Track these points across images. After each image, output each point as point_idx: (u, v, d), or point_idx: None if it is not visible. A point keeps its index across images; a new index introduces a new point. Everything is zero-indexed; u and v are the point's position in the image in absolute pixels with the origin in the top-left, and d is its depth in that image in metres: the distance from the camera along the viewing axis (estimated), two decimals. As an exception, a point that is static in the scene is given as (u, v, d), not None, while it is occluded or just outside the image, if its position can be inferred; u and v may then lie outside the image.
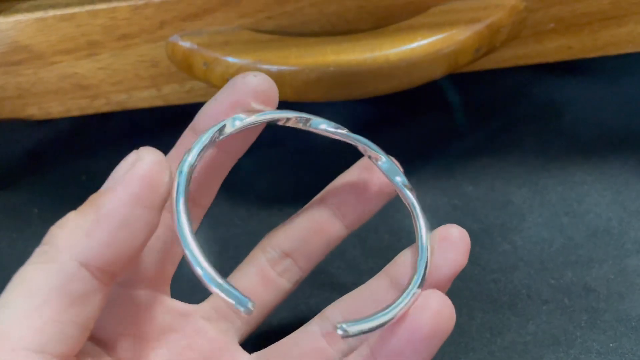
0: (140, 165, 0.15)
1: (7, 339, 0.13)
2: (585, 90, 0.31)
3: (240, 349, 0.20)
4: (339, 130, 0.20)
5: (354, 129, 0.21)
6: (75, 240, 0.14)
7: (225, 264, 0.20)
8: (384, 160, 0.20)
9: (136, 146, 0.34)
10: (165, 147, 0.31)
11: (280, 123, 0.19)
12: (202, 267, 0.15)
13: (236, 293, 0.15)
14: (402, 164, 0.29)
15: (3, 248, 0.27)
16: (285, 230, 0.20)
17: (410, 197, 0.19)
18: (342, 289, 0.24)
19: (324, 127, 0.20)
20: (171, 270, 0.19)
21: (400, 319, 0.16)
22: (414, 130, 0.30)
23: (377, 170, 0.20)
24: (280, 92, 0.25)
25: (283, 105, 0.20)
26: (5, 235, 0.28)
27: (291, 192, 0.28)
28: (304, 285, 0.23)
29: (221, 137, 0.18)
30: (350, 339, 0.18)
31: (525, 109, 0.30)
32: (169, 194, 0.15)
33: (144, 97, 0.28)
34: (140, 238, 0.15)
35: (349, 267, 0.25)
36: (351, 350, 0.19)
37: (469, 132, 0.30)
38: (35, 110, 0.29)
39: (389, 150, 0.21)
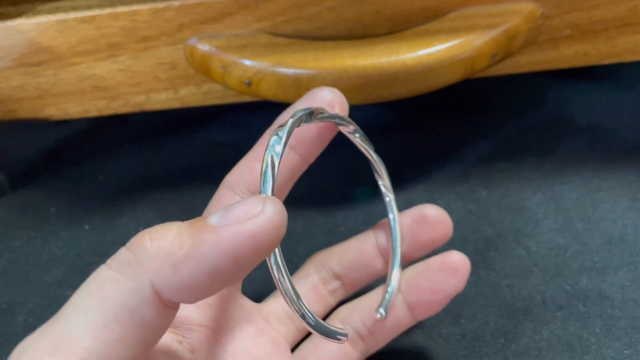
0: (260, 220, 0.13)
1: (76, 347, 0.13)
2: (600, 97, 0.31)
3: (289, 352, 0.21)
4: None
5: (369, 133, 0.21)
6: (160, 266, 0.13)
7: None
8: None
9: (152, 147, 0.34)
10: (181, 148, 0.32)
11: (344, 130, 0.20)
12: (307, 315, 0.16)
13: (337, 330, 0.17)
14: (417, 167, 0.29)
15: (21, 245, 0.27)
16: (339, 254, 0.22)
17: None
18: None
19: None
20: None
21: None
22: (429, 134, 0.31)
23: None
24: (296, 96, 0.26)
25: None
26: (23, 233, 0.28)
27: (305, 195, 0.28)
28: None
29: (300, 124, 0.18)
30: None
31: (541, 115, 0.30)
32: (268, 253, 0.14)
33: (161, 99, 0.29)
34: (221, 287, 0.14)
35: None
36: (367, 353, 0.21)
37: (484, 137, 0.30)
38: (53, 111, 0.29)
39: (403, 153, 0.21)
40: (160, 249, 0.14)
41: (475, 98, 0.32)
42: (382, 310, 0.20)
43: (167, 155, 0.31)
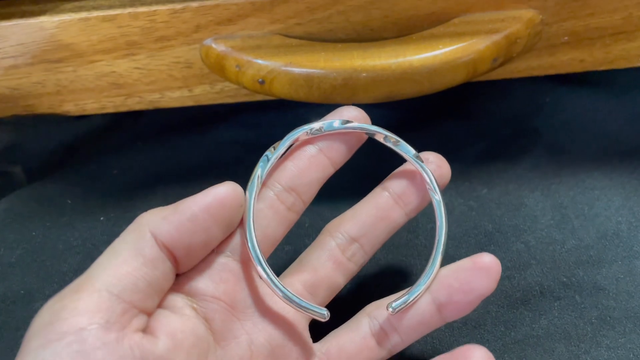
0: (221, 188, 0.19)
1: (94, 282, 0.17)
2: (595, 102, 0.32)
3: (308, 334, 0.21)
4: (418, 161, 0.22)
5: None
6: (154, 220, 0.18)
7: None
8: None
9: (166, 144, 0.35)
10: (193, 146, 0.33)
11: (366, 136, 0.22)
12: (281, 289, 0.20)
13: (314, 308, 0.20)
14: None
15: (37, 236, 0.28)
16: (353, 217, 0.22)
17: (423, 166, 0.22)
18: (364, 282, 0.26)
19: (409, 152, 0.22)
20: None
21: None
22: (431, 135, 0.32)
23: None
24: (308, 95, 0.27)
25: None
26: (40, 224, 0.29)
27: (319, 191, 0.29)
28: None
29: (316, 133, 0.22)
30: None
31: (538, 118, 0.32)
32: (237, 218, 0.20)
33: (175, 97, 0.30)
34: (202, 237, 0.19)
35: (369, 262, 0.26)
36: (393, 351, 0.21)
37: (484, 139, 0.31)
38: (71, 107, 0.30)
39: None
40: (154, 212, 0.19)
41: (475, 102, 0.33)
42: (393, 304, 0.20)
43: (179, 153, 0.32)
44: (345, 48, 0.26)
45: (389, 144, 0.22)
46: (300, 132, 0.21)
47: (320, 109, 0.33)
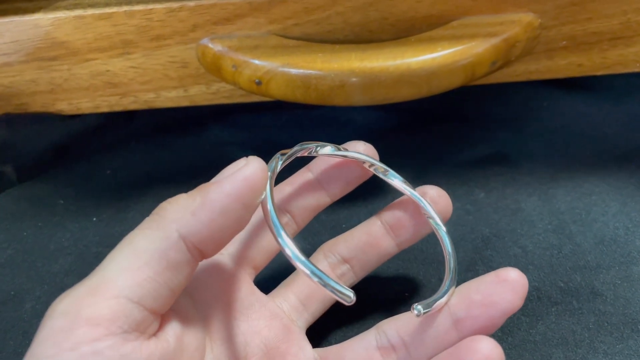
0: (247, 169, 0.17)
1: (112, 287, 0.15)
2: (592, 107, 0.32)
3: (306, 338, 0.21)
4: (408, 188, 0.22)
5: (370, 136, 0.23)
6: (181, 215, 0.16)
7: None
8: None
9: (160, 144, 0.35)
10: (187, 146, 0.33)
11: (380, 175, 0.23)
12: (308, 266, 0.17)
13: (340, 287, 0.17)
14: (416, 169, 0.30)
15: (29, 236, 0.28)
16: (345, 240, 0.23)
17: (432, 212, 0.22)
18: (364, 289, 0.26)
19: (397, 182, 0.23)
20: (259, 260, 0.21)
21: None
22: (428, 138, 0.32)
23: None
24: (304, 96, 0.27)
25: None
26: (31, 223, 0.28)
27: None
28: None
29: (315, 154, 0.22)
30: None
31: (535, 123, 0.32)
32: (261, 193, 0.18)
33: (171, 97, 0.29)
34: (233, 228, 0.17)
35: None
36: None
37: (481, 143, 0.31)
38: (65, 106, 0.30)
39: (403, 156, 0.22)
40: (179, 204, 0.17)
41: (473, 106, 0.33)
42: (419, 307, 0.18)
43: (173, 153, 0.32)
44: (343, 49, 0.26)
45: (378, 174, 0.23)
46: (304, 148, 0.22)
47: (317, 111, 0.33)
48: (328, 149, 0.22)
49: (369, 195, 0.29)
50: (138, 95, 0.29)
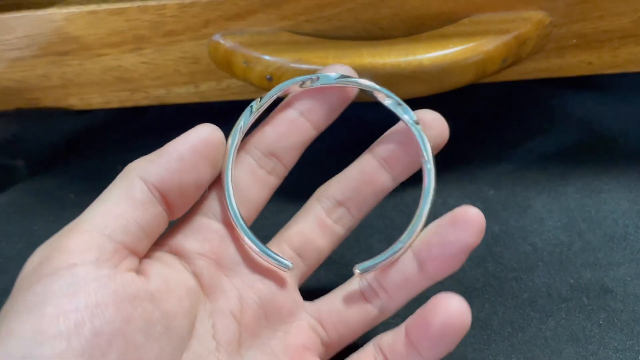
0: (202, 129, 0.19)
1: (84, 225, 0.17)
2: (602, 106, 0.32)
3: (298, 292, 0.22)
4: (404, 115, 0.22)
5: (379, 134, 0.22)
6: (142, 165, 0.19)
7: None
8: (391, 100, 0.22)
9: (170, 139, 0.35)
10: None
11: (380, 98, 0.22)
12: (251, 239, 0.20)
13: (279, 258, 0.20)
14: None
15: (39, 230, 0.28)
16: (339, 181, 0.22)
17: (419, 132, 0.21)
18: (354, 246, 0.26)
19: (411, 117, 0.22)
20: (246, 216, 0.21)
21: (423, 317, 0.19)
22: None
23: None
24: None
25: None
26: (42, 217, 0.29)
27: (306, 189, 0.29)
28: (334, 275, 0.24)
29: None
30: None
31: (545, 121, 0.32)
32: (220, 155, 0.20)
33: (181, 93, 0.30)
34: (189, 175, 0.19)
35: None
36: (385, 310, 0.21)
37: (490, 141, 0.31)
38: (76, 101, 0.30)
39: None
40: (140, 159, 0.19)
41: (482, 103, 0.33)
42: (358, 267, 0.20)
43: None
44: (354, 46, 0.26)
45: (388, 105, 0.22)
46: (291, 84, 0.21)
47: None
48: (334, 75, 0.21)
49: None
50: (149, 91, 0.29)
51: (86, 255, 0.16)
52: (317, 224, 0.22)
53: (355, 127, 0.32)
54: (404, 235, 0.21)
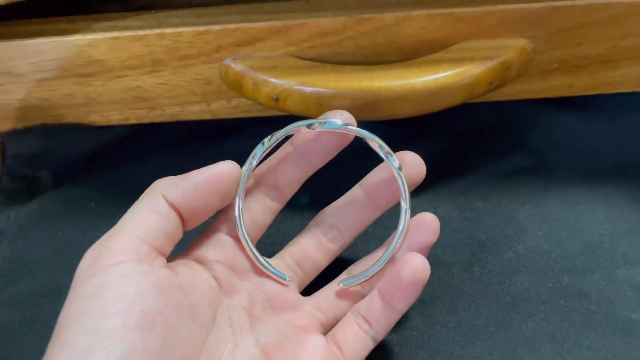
0: (222, 165, 0.23)
1: (123, 230, 0.21)
2: (584, 124, 0.34)
3: (300, 295, 0.25)
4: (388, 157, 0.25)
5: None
6: (166, 185, 0.23)
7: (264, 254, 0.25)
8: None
9: (183, 153, 0.37)
10: (208, 155, 0.35)
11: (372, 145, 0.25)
12: (255, 254, 0.24)
13: (279, 272, 0.25)
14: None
15: (63, 236, 0.30)
16: (333, 209, 0.27)
17: (402, 178, 0.25)
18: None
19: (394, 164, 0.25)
20: (253, 234, 0.25)
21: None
22: (429, 151, 0.34)
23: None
24: (318, 112, 0.29)
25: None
26: (66, 224, 0.31)
27: (322, 198, 0.31)
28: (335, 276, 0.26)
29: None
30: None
31: (530, 137, 0.34)
32: (232, 188, 0.23)
33: (194, 111, 0.32)
34: (199, 202, 0.23)
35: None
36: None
37: (479, 156, 0.34)
38: (97, 117, 0.32)
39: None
40: (166, 179, 0.23)
41: (471, 122, 0.35)
42: (341, 283, 0.25)
43: (195, 161, 0.34)
44: (353, 70, 0.29)
45: (380, 152, 0.25)
46: (301, 125, 0.24)
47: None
48: (339, 122, 0.24)
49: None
50: (164, 109, 0.32)
51: (129, 254, 0.21)
52: (314, 241, 0.26)
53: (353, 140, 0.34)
54: (380, 259, 0.25)
